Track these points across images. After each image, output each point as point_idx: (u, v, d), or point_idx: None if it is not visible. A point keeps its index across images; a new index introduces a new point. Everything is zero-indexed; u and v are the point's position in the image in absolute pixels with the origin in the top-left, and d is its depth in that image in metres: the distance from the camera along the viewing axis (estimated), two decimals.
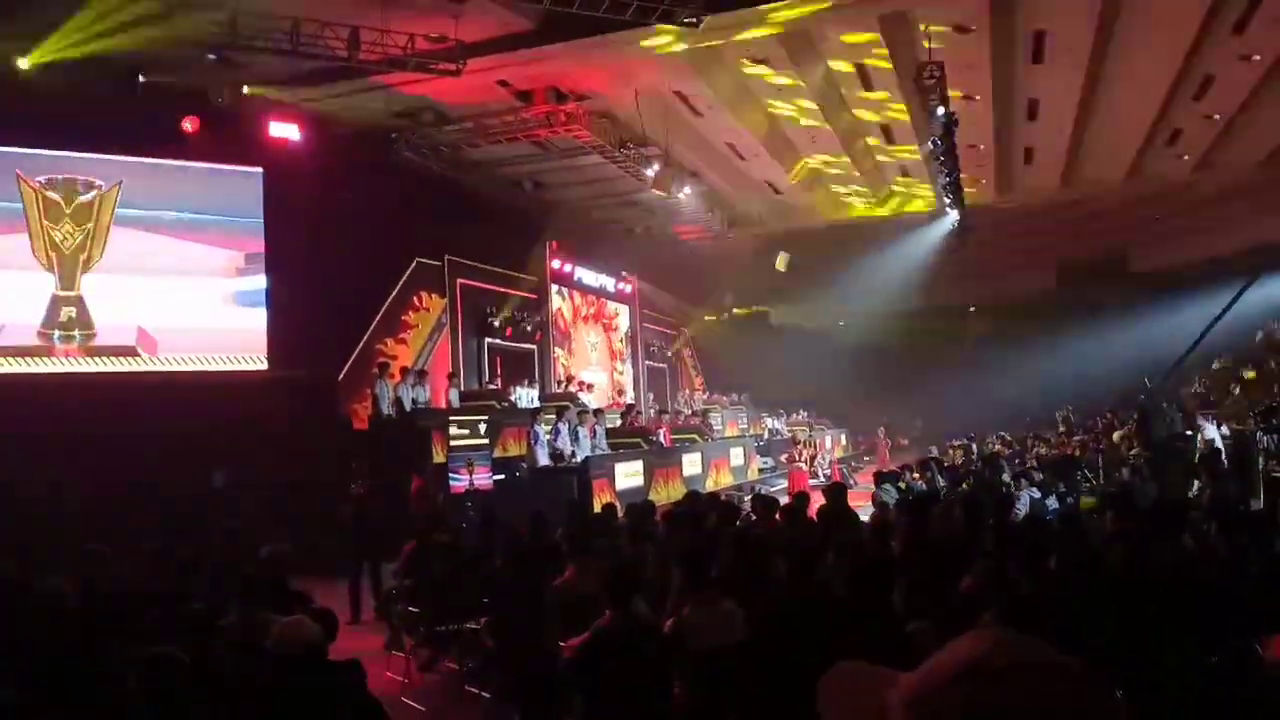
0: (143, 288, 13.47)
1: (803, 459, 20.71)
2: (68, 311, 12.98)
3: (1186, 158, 19.83)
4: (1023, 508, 8.80)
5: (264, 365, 14.19)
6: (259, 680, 3.37)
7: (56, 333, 12.89)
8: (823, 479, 20.58)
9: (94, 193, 13.13)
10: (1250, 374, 22.13)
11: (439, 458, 13.70)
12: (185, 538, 8.11)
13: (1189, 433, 15.00)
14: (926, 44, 13.20)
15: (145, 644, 3.94)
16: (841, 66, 14.96)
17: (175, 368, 13.55)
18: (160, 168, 13.70)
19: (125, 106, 12.52)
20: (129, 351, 13.32)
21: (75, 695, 3.43)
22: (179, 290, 13.75)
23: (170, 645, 3.83)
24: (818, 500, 8.88)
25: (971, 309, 33.18)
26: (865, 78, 15.30)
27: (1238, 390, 20.34)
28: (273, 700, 3.24)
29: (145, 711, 2.99)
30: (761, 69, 14.90)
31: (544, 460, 14.40)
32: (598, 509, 11.36)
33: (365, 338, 16.11)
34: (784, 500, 8.96)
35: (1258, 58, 14.62)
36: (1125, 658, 4.07)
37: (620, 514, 8.67)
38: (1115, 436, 17.17)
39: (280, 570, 5.48)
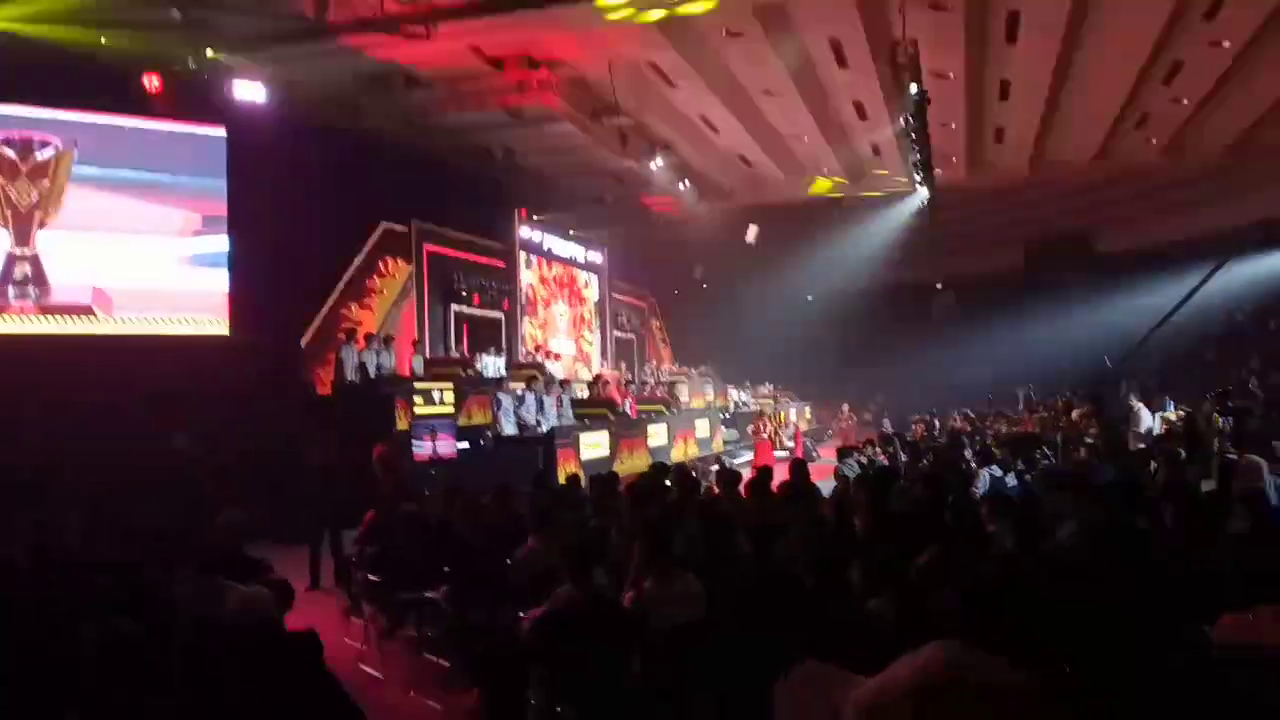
0: (99, 246, 13.25)
1: (767, 432, 20.85)
2: (22, 269, 12.76)
3: (1155, 141, 20.01)
4: (982, 485, 8.91)
5: (224, 329, 13.99)
6: (214, 652, 3.34)
7: (11, 289, 12.70)
8: (786, 452, 20.75)
9: (50, 150, 12.84)
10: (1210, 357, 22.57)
11: (402, 425, 13.61)
12: (143, 502, 8.03)
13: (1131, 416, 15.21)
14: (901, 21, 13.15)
15: (98, 614, 3.89)
16: (816, 42, 14.88)
17: (133, 329, 13.33)
18: (120, 127, 13.40)
19: (85, 63, 12.22)
20: (84, 310, 13.10)
21: (27, 667, 3.37)
22: (137, 250, 13.51)
23: (124, 615, 3.79)
24: (781, 473, 8.95)
25: (938, 286, 33.47)
26: (839, 54, 15.25)
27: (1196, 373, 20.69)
28: (227, 672, 3.20)
29: (100, 688, 2.94)
30: (737, 41, 14.78)
31: (509, 429, 14.36)
32: (562, 479, 11.37)
33: (330, 303, 15.93)
34: (749, 473, 9.00)
35: (1227, 44, 14.74)
36: (1079, 639, 4.14)
37: (584, 485, 8.69)
38: (1073, 415, 17.40)
39: (237, 538, 5.43)
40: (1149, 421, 14.58)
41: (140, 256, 13.53)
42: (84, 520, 6.21)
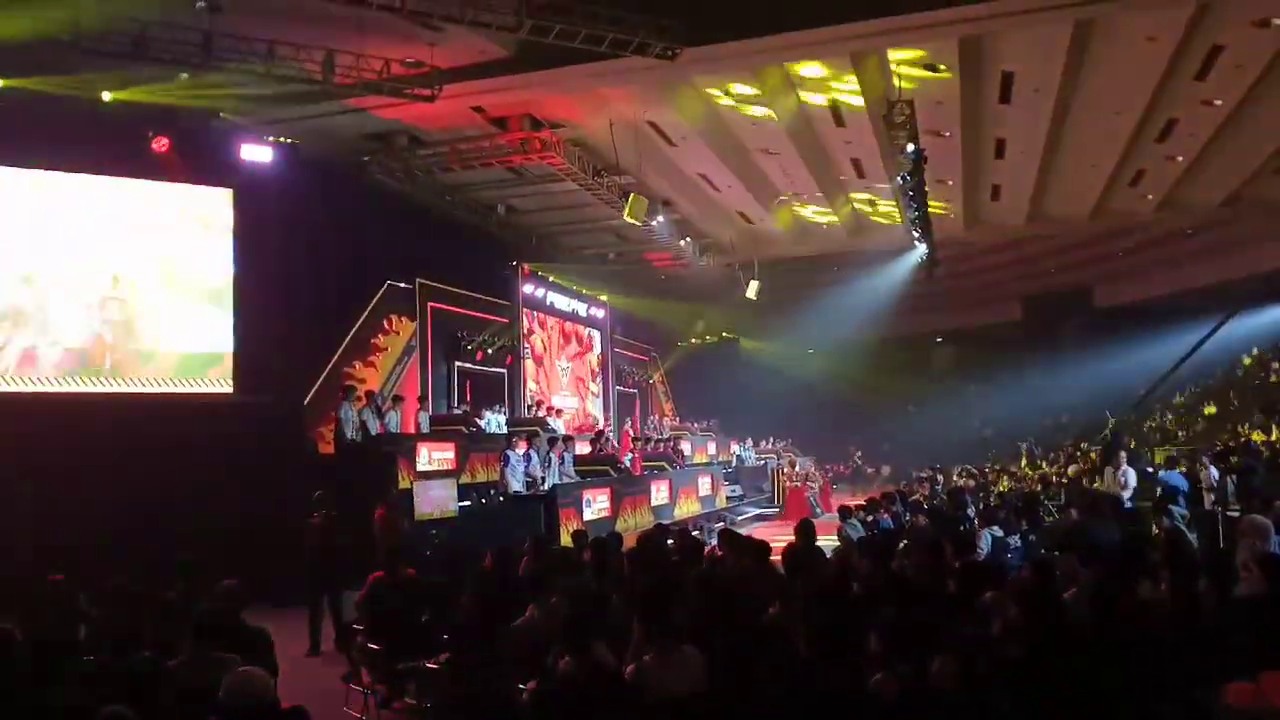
0: (106, 303, 13.32)
1: (796, 479, 20.91)
2: (32, 324, 12.82)
3: (1150, 197, 20.21)
4: (984, 547, 8.82)
5: (230, 388, 14.00)
6: None
7: (19, 345, 12.71)
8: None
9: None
10: (1210, 409, 22.52)
11: (405, 483, 13.56)
12: (143, 567, 7.97)
13: (1149, 470, 15.03)
14: (897, 82, 13.38)
15: (94, 691, 3.87)
16: (814, 102, 15.12)
17: (138, 389, 13.33)
18: (130, 188, 13.55)
19: (94, 125, 12.41)
20: (91, 367, 13.11)
21: None
22: (144, 308, 13.56)
23: (119, 690, 3.77)
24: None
25: (938, 340, 33.61)
26: (837, 113, 15.48)
27: (1201, 427, 20.61)
28: None
29: None
30: (734, 101, 15.02)
31: (517, 486, 14.24)
32: (565, 539, 11.26)
33: (334, 360, 15.97)
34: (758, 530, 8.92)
35: (1219, 102, 14.94)
36: (1086, 706, 4.10)
37: (587, 544, 8.60)
38: (1071, 471, 17.30)
39: (232, 607, 5.39)
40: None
41: (146, 314, 13.59)
42: (86, 586, 6.18)
